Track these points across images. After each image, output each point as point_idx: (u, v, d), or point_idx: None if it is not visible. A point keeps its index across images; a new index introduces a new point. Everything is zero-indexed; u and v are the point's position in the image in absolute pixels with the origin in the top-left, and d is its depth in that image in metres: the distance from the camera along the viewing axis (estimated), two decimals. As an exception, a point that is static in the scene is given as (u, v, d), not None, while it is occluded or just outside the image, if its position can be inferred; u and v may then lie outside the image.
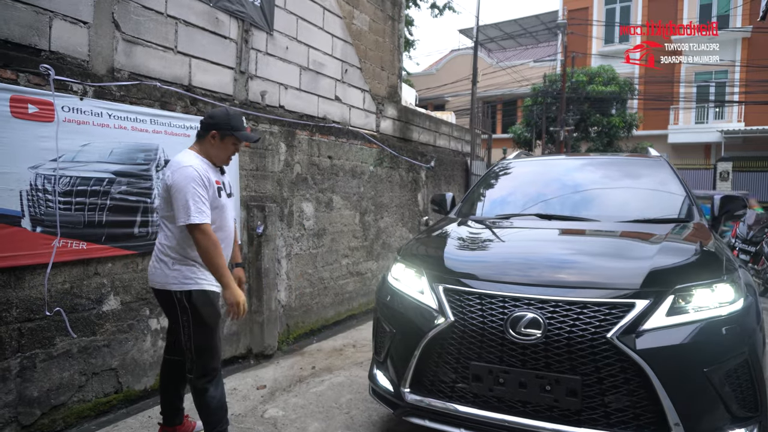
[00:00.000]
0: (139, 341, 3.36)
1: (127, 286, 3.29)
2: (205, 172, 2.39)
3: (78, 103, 2.98)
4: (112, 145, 3.18)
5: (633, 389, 2.02)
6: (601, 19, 23.82)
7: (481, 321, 2.23)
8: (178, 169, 2.34)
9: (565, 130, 17.59)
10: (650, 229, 2.76)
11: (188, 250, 2.40)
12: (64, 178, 2.91)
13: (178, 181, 2.30)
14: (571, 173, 3.72)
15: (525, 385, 2.13)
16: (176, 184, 2.30)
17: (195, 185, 2.30)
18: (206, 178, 2.37)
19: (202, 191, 2.33)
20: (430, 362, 2.37)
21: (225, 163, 2.58)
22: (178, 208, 2.29)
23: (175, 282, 2.39)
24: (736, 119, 21.14)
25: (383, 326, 2.67)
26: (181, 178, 2.30)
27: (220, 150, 2.50)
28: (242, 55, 4.23)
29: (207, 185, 2.37)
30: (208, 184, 2.37)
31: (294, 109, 4.86)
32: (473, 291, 2.33)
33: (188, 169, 2.33)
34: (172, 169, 2.37)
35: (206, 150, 2.49)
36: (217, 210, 2.46)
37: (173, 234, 2.40)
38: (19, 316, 2.72)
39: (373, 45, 6.24)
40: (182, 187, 2.28)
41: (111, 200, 3.17)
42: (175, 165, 2.38)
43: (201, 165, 2.40)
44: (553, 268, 2.35)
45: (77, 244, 2.99)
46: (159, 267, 2.43)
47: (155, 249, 2.50)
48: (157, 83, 3.47)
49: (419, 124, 7.43)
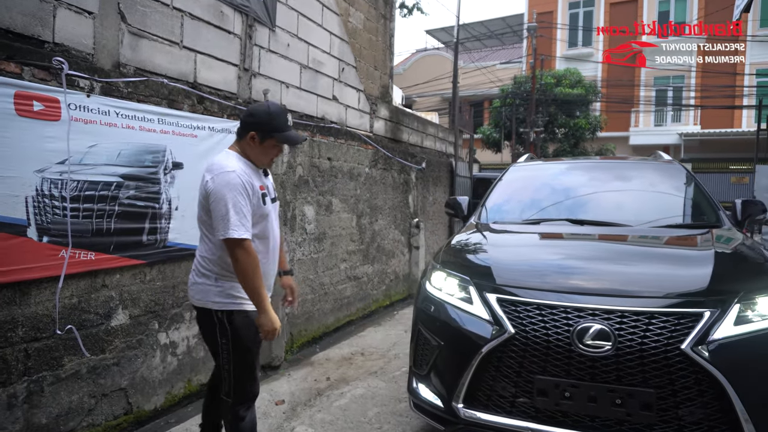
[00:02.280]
0: (148, 358, 3.11)
1: (135, 299, 3.04)
2: (248, 178, 2.13)
3: (85, 101, 2.72)
4: (120, 147, 2.93)
5: (707, 401, 1.98)
6: (565, 22, 24.39)
7: (544, 333, 2.14)
8: (220, 173, 2.08)
9: (534, 131, 17.88)
10: (691, 235, 2.75)
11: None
12: (71, 182, 2.66)
13: (218, 188, 2.05)
14: (589, 177, 3.69)
15: (595, 399, 2.05)
16: (216, 192, 2.05)
17: (236, 194, 2.05)
18: (249, 185, 2.12)
19: (243, 201, 2.07)
20: (486, 376, 2.27)
21: (268, 166, 2.34)
22: (217, 219, 2.05)
23: (217, 300, 2.16)
24: (692, 122, 22.05)
25: (427, 338, 2.54)
26: (221, 185, 2.05)
27: (260, 153, 2.22)
28: (246, 52, 4.02)
29: (250, 193, 2.12)
30: (251, 192, 2.12)
31: (295, 109, 4.66)
32: (532, 302, 2.24)
33: (231, 174, 2.07)
34: (212, 173, 2.10)
35: (246, 151, 2.22)
36: (262, 218, 2.21)
37: (215, 246, 2.14)
38: (26, 335, 2.45)
39: (367, 44, 6.10)
40: (222, 196, 2.04)
41: (119, 206, 2.92)
42: (215, 168, 2.11)
43: (244, 169, 2.14)
44: (614, 277, 2.29)
45: (85, 254, 2.73)
46: (200, 282, 2.20)
47: (195, 262, 2.27)
48: (165, 80, 3.23)
49: (409, 125, 7.33)
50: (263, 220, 2.23)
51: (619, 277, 2.30)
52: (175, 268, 3.33)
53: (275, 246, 2.35)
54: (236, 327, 2.17)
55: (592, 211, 3.22)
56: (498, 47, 29.68)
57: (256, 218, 2.19)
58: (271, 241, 2.29)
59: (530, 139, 17.58)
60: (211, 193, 2.08)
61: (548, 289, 2.28)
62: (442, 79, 23.06)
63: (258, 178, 2.25)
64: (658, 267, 2.39)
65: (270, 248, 2.29)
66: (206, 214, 2.15)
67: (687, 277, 2.24)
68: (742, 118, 21.38)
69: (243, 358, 2.21)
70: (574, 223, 3.08)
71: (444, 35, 29.98)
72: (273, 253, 2.32)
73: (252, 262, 2.06)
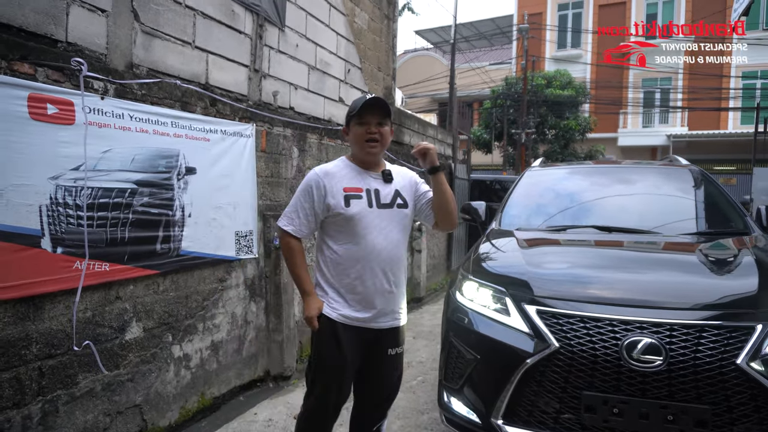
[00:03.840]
0: (162, 372, 2.98)
1: (149, 311, 2.91)
2: (324, 178, 2.10)
3: (99, 103, 2.59)
4: (134, 152, 2.80)
5: (763, 418, 1.92)
6: (554, 24, 24.52)
7: (591, 347, 2.07)
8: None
9: (526, 132, 17.92)
10: (725, 243, 2.70)
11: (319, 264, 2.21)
12: (86, 189, 2.52)
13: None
14: (609, 182, 3.64)
15: (647, 415, 1.98)
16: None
17: (302, 190, 2.16)
18: (323, 185, 2.08)
19: (304, 198, 2.13)
20: (528, 391, 2.19)
21: (370, 156, 2.13)
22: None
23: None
24: (680, 124, 22.31)
25: (460, 351, 2.46)
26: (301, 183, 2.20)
27: (355, 144, 2.13)
28: (256, 52, 3.89)
29: (320, 192, 2.08)
30: (323, 192, 2.08)
31: (303, 111, 4.55)
32: (575, 314, 2.16)
33: (310, 173, 2.18)
34: None
35: (352, 152, 2.23)
36: (347, 222, 2.06)
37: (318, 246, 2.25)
38: (40, 352, 2.32)
39: (371, 45, 6.00)
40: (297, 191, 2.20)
41: (133, 214, 2.79)
42: None
43: (330, 169, 2.17)
44: (659, 288, 2.23)
45: (100, 265, 2.60)
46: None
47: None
48: (178, 81, 3.10)
49: (410, 127, 7.25)
50: (349, 223, 2.07)
51: (664, 288, 2.24)
52: (188, 277, 3.20)
53: (383, 257, 2.09)
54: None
55: (618, 218, 3.16)
56: (487, 48, 29.77)
57: (340, 221, 2.09)
58: (365, 250, 2.07)
59: (522, 140, 17.60)
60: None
61: (590, 300, 2.21)
62: (433, 80, 23.04)
63: (360, 180, 2.14)
64: (702, 277, 2.33)
65: (363, 257, 2.07)
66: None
67: (734, 288, 2.19)
68: (728, 119, 21.68)
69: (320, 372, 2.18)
70: (602, 230, 3.02)
71: (433, 36, 29.98)
72: (371, 263, 2.08)
73: (290, 251, 2.17)
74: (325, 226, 2.15)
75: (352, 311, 2.09)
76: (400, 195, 2.18)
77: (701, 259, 2.53)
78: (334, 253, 2.10)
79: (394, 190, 2.18)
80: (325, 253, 2.14)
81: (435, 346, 4.73)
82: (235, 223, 3.56)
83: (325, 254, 2.14)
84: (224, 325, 3.49)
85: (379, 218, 2.10)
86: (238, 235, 3.58)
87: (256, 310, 3.81)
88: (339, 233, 2.10)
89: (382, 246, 2.09)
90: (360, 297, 2.09)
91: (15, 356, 2.22)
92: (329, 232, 2.13)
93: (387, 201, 2.14)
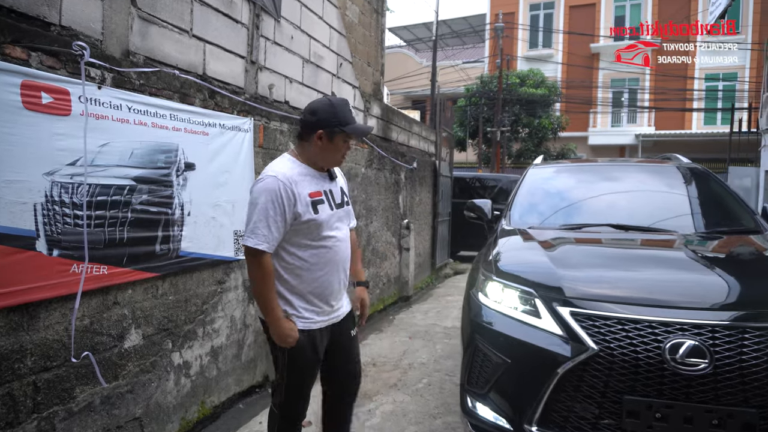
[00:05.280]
0: (162, 381, 2.79)
1: (148, 316, 2.71)
2: (291, 185, 1.97)
3: (96, 93, 2.38)
4: (133, 146, 2.60)
5: (811, 419, 1.89)
6: (526, 24, 24.80)
7: (632, 350, 2.00)
8: (261, 177, 2.00)
9: (501, 130, 18.05)
10: (747, 242, 2.68)
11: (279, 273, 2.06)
12: (84, 186, 2.31)
13: (253, 192, 2.00)
14: (617, 181, 3.61)
15: (691, 420, 1.93)
16: (252, 196, 2.00)
17: (267, 200, 1.93)
18: (291, 192, 1.96)
19: (273, 209, 1.93)
20: (564, 396, 2.11)
21: (337, 164, 2.17)
22: (245, 223, 2.00)
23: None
24: (647, 124, 22.91)
25: (487, 355, 2.36)
26: (257, 189, 1.98)
27: (328, 152, 2.06)
28: (253, 43, 3.71)
29: (290, 201, 1.96)
30: (293, 200, 1.96)
31: (297, 105, 4.38)
32: (612, 315, 2.09)
33: (269, 179, 1.96)
34: (259, 176, 2.03)
35: (310, 154, 2.07)
36: (315, 228, 2.04)
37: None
38: (35, 365, 2.11)
39: (361, 39, 5.86)
40: (253, 200, 1.98)
41: (132, 213, 2.58)
42: (263, 172, 2.03)
43: (291, 174, 2.00)
44: (694, 288, 2.18)
45: (98, 268, 2.39)
46: None
47: None
48: (176, 71, 2.91)
49: (397, 124, 7.13)
50: (317, 229, 2.05)
51: (700, 287, 2.19)
52: (188, 279, 3.01)
53: (341, 256, 2.16)
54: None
55: (631, 216, 3.12)
56: (459, 47, 29.91)
57: (305, 228, 2.04)
58: (330, 251, 2.10)
59: (497, 138, 17.72)
60: (250, 195, 2.03)
61: (626, 301, 2.14)
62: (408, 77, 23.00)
63: (317, 183, 2.10)
64: (734, 276, 2.30)
65: (329, 258, 2.11)
66: None
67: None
68: (692, 120, 22.38)
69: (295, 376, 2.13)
70: (618, 229, 2.98)
71: (406, 33, 29.95)
72: (335, 263, 2.13)
73: (262, 272, 1.96)
74: (288, 234, 2.03)
75: (321, 315, 2.12)
76: (344, 192, 2.26)
77: (728, 259, 2.51)
78: (299, 259, 2.05)
79: (339, 188, 2.23)
80: (286, 261, 2.04)
81: (433, 347, 4.65)
82: (234, 222, 3.38)
83: (287, 262, 2.04)
84: (224, 329, 3.31)
85: (336, 218, 2.15)
86: (237, 234, 3.40)
87: (254, 312, 3.63)
88: (303, 239, 2.05)
89: (342, 245, 2.17)
90: (327, 296, 2.12)
91: (8, 370, 2.01)
92: (291, 239, 2.04)
93: (339, 200, 2.19)
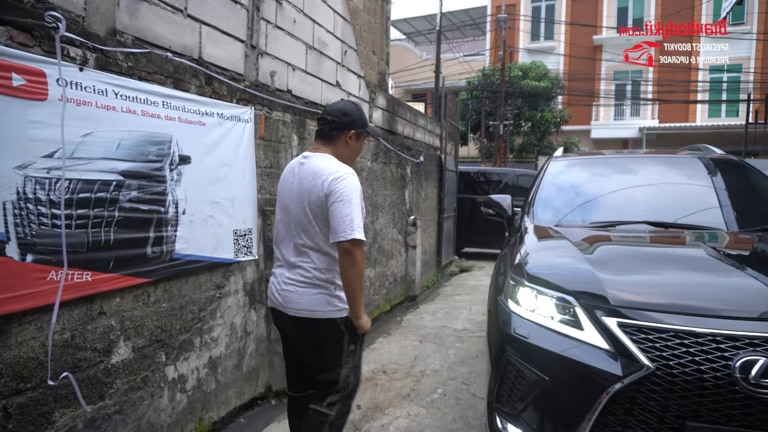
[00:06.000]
0: (155, 398, 2.52)
1: (138, 327, 2.44)
2: None
3: (77, 75, 2.09)
4: (120, 136, 2.31)
5: None
6: (528, 15, 24.44)
7: (696, 369, 1.73)
8: (347, 174, 2.02)
9: (504, 123, 17.75)
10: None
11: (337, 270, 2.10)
12: (63, 181, 2.03)
13: (346, 189, 1.97)
14: (646, 174, 3.33)
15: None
16: (343, 192, 1.97)
17: (357, 195, 2.01)
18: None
19: (360, 202, 2.03)
20: (613, 420, 1.84)
21: (353, 163, 2.23)
22: (342, 220, 1.94)
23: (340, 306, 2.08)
24: (650, 117, 22.61)
25: (521, 370, 2.09)
26: (349, 187, 1.99)
27: (353, 152, 2.22)
28: (253, 26, 3.42)
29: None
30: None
31: (300, 95, 4.09)
32: (669, 328, 1.82)
33: (353, 177, 2.04)
34: (334, 173, 2.00)
35: (339, 154, 2.15)
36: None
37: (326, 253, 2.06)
38: (5, 388, 1.83)
39: (366, 26, 5.56)
40: (350, 198, 1.97)
41: (120, 211, 2.30)
42: (335, 169, 2.02)
43: None
44: (761, 295, 1.91)
45: (80, 275, 2.11)
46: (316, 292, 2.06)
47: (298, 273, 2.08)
48: (169, 54, 2.62)
49: (403, 116, 6.84)
50: None
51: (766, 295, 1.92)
52: (183, 285, 2.73)
53: None
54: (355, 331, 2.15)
55: (669, 213, 2.85)
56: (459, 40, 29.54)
57: None
58: None
59: (500, 131, 17.43)
60: (334, 192, 1.98)
61: (683, 311, 1.87)
62: (407, 70, 22.67)
63: None
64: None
65: None
66: (317, 219, 2.03)
67: None
68: (696, 113, 22.09)
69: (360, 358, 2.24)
70: (656, 227, 2.70)
71: (406, 26, 29.58)
72: None
73: (362, 266, 2.01)
74: None
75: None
76: None
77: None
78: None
79: None
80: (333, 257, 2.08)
81: (446, 351, 4.38)
82: (234, 221, 3.10)
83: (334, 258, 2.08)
84: (223, 338, 3.04)
85: None
86: (236, 234, 3.13)
87: (256, 318, 3.36)
88: None
89: None
90: None
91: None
92: None
93: None
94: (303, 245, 2.07)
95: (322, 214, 2.00)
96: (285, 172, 2.24)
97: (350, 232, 1.91)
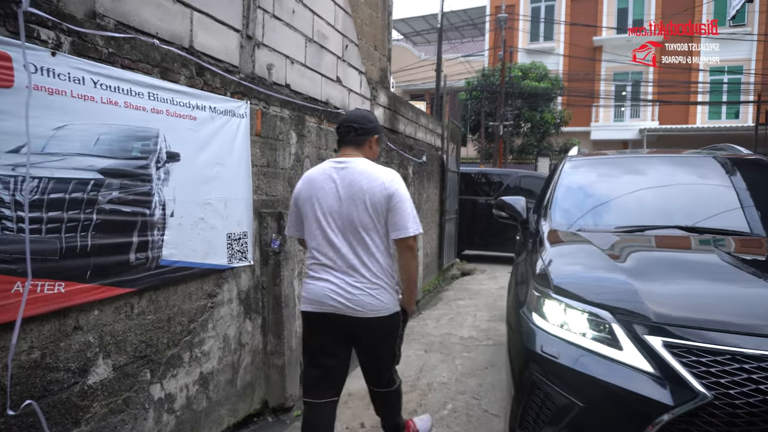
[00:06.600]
0: (138, 421, 2.27)
1: (120, 342, 2.19)
2: None
3: (49, 61, 1.85)
4: (99, 130, 2.07)
5: None
6: (527, 15, 24.26)
7: (762, 399, 1.50)
8: (398, 177, 2.19)
9: (504, 124, 17.55)
10: None
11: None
12: (29, 180, 1.79)
13: (403, 190, 2.16)
14: (671, 174, 3.10)
15: None
16: (401, 192, 2.14)
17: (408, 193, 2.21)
18: None
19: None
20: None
21: None
22: (405, 218, 2.12)
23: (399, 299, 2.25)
24: (650, 118, 22.45)
25: (549, 394, 1.86)
26: (404, 187, 2.18)
27: (375, 154, 2.37)
28: (249, 15, 3.17)
29: None
30: None
31: (299, 90, 3.85)
32: (726, 350, 1.59)
33: (399, 177, 2.20)
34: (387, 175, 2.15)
35: (367, 156, 2.29)
36: None
37: (386, 251, 2.18)
38: (-39, 419, 1.59)
39: (368, 19, 5.32)
40: (408, 197, 2.17)
41: (98, 214, 2.06)
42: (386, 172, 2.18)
43: None
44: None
45: (51, 285, 1.87)
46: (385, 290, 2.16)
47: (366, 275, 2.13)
48: (156, 41, 2.38)
49: (404, 114, 6.62)
50: None
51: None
52: (171, 294, 2.49)
53: None
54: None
55: (700, 216, 2.62)
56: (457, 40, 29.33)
57: None
58: None
59: (500, 132, 17.22)
60: (397, 192, 2.13)
61: (739, 330, 1.64)
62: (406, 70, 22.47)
63: None
64: None
65: None
66: (379, 219, 2.13)
67: None
68: (696, 114, 21.95)
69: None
70: (688, 231, 2.48)
71: (404, 26, 29.38)
72: None
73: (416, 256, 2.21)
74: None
75: None
76: None
77: None
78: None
79: None
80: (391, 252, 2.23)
81: (453, 362, 4.14)
82: (227, 224, 2.86)
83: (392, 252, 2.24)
84: (215, 351, 2.79)
85: None
86: (230, 237, 2.88)
87: (251, 329, 3.12)
88: None
89: None
90: None
91: None
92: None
93: None
94: (368, 246, 2.13)
95: (383, 213, 2.11)
96: (316, 177, 2.22)
97: (415, 228, 2.11)
